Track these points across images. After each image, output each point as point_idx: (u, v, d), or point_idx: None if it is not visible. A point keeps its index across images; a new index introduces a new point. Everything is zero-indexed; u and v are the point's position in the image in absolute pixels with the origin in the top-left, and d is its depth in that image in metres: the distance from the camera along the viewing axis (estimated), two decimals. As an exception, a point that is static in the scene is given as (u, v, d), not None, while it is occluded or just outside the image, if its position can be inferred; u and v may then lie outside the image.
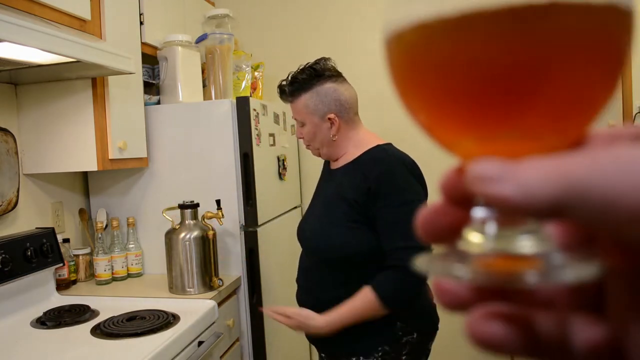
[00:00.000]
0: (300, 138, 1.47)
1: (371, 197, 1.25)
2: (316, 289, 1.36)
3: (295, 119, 1.47)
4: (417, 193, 1.26)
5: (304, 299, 1.40)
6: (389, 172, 1.26)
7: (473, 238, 0.19)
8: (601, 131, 0.19)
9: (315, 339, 1.36)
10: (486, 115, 0.18)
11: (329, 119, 1.38)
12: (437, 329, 1.37)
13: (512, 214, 0.18)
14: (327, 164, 1.53)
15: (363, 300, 1.22)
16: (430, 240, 0.21)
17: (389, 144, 1.38)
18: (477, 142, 0.19)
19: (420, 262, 0.19)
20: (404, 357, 1.28)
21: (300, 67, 1.43)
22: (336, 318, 1.23)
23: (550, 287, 0.20)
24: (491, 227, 0.19)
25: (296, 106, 1.43)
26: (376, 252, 1.25)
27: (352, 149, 1.39)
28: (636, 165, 0.15)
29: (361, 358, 1.29)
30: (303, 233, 1.44)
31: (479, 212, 0.19)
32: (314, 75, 1.39)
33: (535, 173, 0.16)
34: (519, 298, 0.20)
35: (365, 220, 1.27)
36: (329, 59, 1.42)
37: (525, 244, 0.18)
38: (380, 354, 1.27)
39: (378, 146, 1.34)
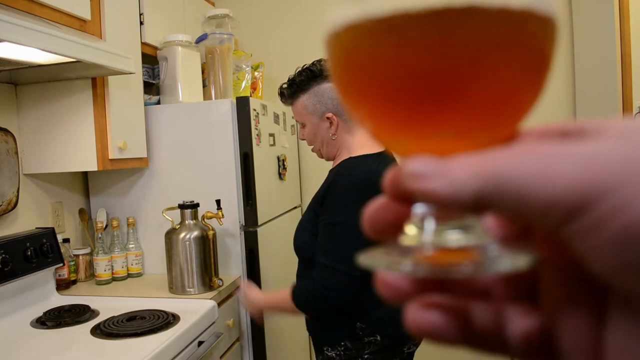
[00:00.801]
0: (303, 139, 1.51)
1: (321, 207, 1.32)
2: (297, 282, 1.42)
3: (297, 121, 1.50)
4: (350, 215, 1.23)
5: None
6: (336, 187, 1.28)
7: (412, 233, 0.20)
8: (533, 128, 0.20)
9: (307, 325, 1.44)
10: (415, 114, 0.19)
11: (328, 118, 1.41)
12: (408, 335, 1.35)
13: (444, 208, 0.18)
14: None
15: (284, 296, 1.34)
16: (375, 235, 0.21)
17: (369, 155, 1.33)
18: (412, 141, 0.20)
19: (365, 258, 0.19)
20: (366, 356, 1.29)
21: (298, 70, 1.47)
22: (267, 300, 1.43)
23: (485, 278, 0.21)
24: (429, 222, 0.20)
25: (296, 108, 1.47)
26: None
27: (345, 153, 1.41)
28: (548, 158, 0.16)
29: (329, 349, 1.34)
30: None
31: (418, 208, 0.20)
32: (311, 76, 1.42)
33: (461, 168, 0.17)
34: (457, 290, 0.21)
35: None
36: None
37: (462, 237, 0.19)
38: (342, 348, 1.32)
39: (351, 158, 1.34)
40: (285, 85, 1.48)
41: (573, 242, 0.16)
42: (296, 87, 1.44)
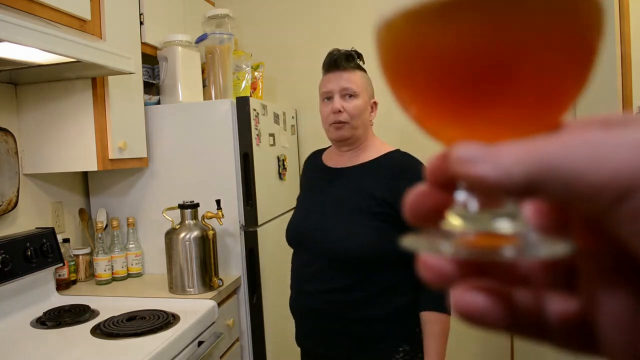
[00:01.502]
0: (339, 112, 1.37)
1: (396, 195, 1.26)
2: (336, 293, 1.32)
3: (344, 88, 1.38)
4: None
5: (317, 304, 1.35)
6: (416, 173, 1.28)
7: (454, 220, 0.20)
8: (576, 120, 0.21)
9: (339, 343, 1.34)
10: (466, 102, 0.19)
11: (374, 103, 1.44)
12: None
13: (491, 194, 0.19)
14: (316, 164, 1.53)
15: (433, 326, 1.26)
16: (416, 222, 0.22)
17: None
18: (459, 129, 0.20)
19: (407, 241, 0.20)
20: (419, 356, 1.30)
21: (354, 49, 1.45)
22: (437, 354, 1.26)
23: (525, 263, 0.21)
24: (472, 208, 0.20)
25: (355, 76, 1.40)
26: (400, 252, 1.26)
27: (376, 143, 1.42)
28: (600, 147, 0.16)
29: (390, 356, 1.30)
30: (314, 234, 1.36)
31: (460, 196, 0.20)
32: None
33: (510, 154, 0.17)
34: (499, 276, 0.21)
35: (391, 220, 1.28)
36: None
37: (504, 224, 0.20)
38: (401, 354, 1.29)
39: (398, 150, 1.41)
40: (352, 51, 1.43)
41: (619, 226, 0.17)
42: (360, 61, 1.44)
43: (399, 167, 1.33)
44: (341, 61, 1.39)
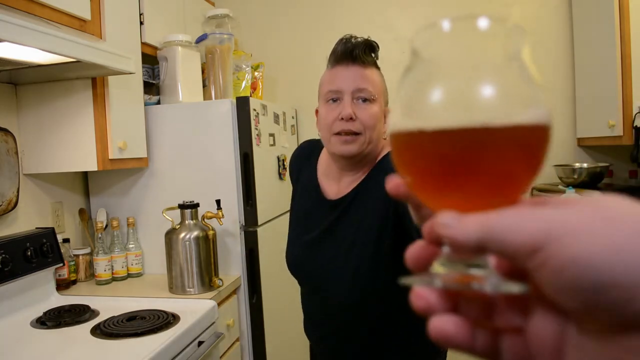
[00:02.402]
0: (350, 119, 1.05)
1: (396, 214, 1.02)
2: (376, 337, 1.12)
3: (360, 89, 1.06)
4: None
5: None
6: None
7: (438, 267, 0.28)
8: (529, 199, 0.28)
9: None
10: (447, 187, 0.28)
11: (387, 111, 1.11)
12: None
13: (460, 249, 0.26)
14: (311, 181, 1.23)
15: None
16: (414, 268, 0.29)
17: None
18: (444, 202, 0.29)
19: (405, 279, 0.28)
20: None
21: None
22: None
23: (489, 296, 0.28)
24: (452, 259, 0.28)
25: (374, 75, 1.09)
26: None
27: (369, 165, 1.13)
28: (523, 217, 0.23)
29: None
30: (320, 280, 1.15)
31: (445, 249, 0.28)
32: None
33: (470, 223, 0.25)
34: (471, 313, 0.28)
35: (391, 242, 1.04)
36: None
37: (475, 270, 0.27)
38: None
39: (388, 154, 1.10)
40: (372, 40, 1.10)
41: (534, 273, 0.23)
42: (377, 57, 1.11)
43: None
44: (360, 52, 1.06)
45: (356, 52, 1.06)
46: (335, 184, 1.16)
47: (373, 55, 1.10)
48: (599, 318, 0.21)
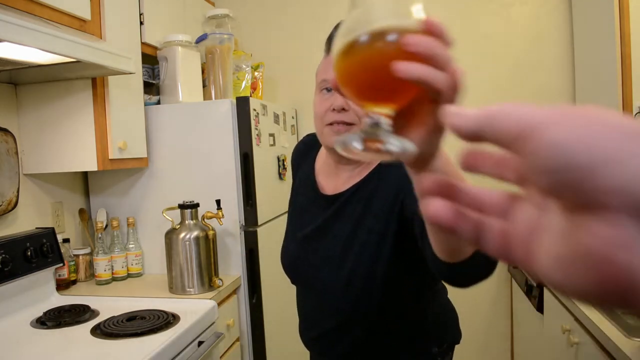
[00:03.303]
0: (343, 110, 1.00)
1: (400, 204, 0.97)
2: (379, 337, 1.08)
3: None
4: None
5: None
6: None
7: (361, 132, 0.41)
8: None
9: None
10: (368, 89, 0.41)
11: None
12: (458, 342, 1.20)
13: (461, 134, 0.30)
14: (308, 176, 1.20)
15: None
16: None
17: None
18: (370, 102, 0.42)
19: (338, 139, 0.41)
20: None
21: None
22: None
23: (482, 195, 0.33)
24: (372, 126, 0.41)
25: None
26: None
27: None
28: (517, 106, 0.26)
29: None
30: (315, 280, 1.10)
31: (368, 120, 0.41)
32: None
33: (472, 112, 0.29)
34: (463, 203, 0.33)
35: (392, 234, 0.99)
36: None
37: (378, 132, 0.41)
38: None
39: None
40: None
41: (521, 156, 0.26)
42: None
43: (386, 170, 1.03)
44: None
45: None
46: (333, 179, 1.11)
47: None
48: (564, 196, 0.24)
